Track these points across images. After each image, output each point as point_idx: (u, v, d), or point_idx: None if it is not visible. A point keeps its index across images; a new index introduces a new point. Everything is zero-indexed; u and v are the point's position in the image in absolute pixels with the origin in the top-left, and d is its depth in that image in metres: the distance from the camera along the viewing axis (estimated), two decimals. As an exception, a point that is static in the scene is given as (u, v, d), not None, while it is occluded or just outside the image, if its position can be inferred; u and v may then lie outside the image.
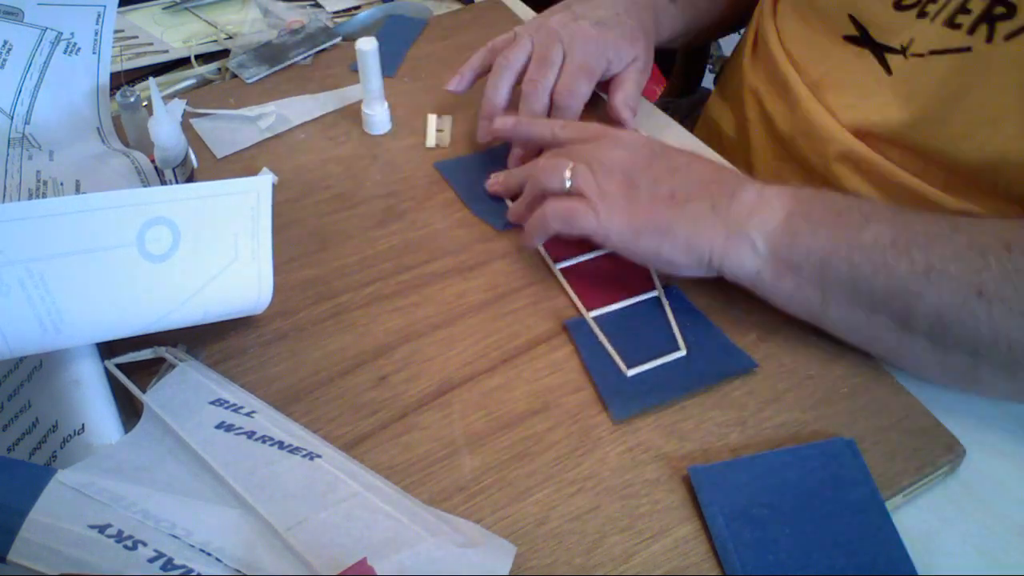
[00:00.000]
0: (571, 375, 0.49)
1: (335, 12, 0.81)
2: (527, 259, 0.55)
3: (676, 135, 0.67)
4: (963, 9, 0.51)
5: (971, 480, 0.45)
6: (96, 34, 0.60)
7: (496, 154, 0.63)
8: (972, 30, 0.51)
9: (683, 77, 1.04)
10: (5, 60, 0.57)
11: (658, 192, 0.48)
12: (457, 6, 0.83)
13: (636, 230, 0.48)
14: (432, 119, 0.66)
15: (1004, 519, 0.44)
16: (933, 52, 0.54)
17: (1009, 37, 0.49)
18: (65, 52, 0.59)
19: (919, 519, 0.44)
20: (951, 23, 0.52)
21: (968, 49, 0.51)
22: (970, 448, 0.45)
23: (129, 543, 0.37)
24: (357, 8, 0.82)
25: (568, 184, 0.50)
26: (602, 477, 0.44)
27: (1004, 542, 0.43)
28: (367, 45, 0.61)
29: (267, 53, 0.73)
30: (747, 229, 0.47)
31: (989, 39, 0.51)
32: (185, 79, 0.73)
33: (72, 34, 0.59)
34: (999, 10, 0.50)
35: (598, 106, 0.66)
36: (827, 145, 0.62)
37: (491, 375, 0.49)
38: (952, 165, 0.55)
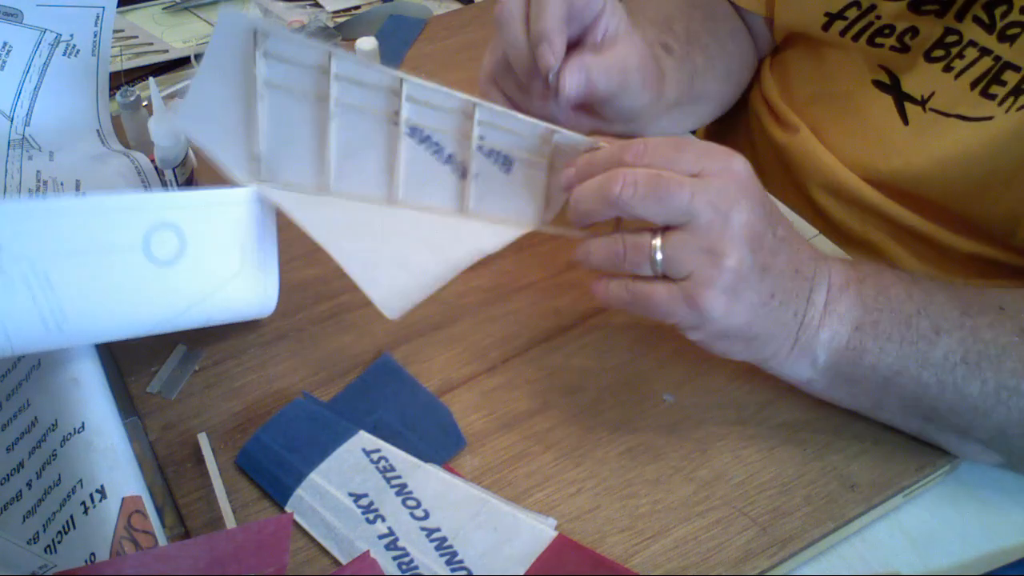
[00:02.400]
0: (571, 375, 0.49)
1: (335, 12, 0.81)
2: (527, 259, 0.55)
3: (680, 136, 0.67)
4: (999, 80, 0.51)
5: (971, 480, 0.45)
6: (95, 35, 0.60)
7: None
8: (1002, 102, 0.51)
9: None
10: (5, 62, 0.57)
11: (762, 287, 0.40)
12: (457, 6, 0.83)
13: (725, 333, 0.41)
14: None
15: (1004, 519, 0.44)
16: (962, 117, 0.53)
17: (1021, 107, 0.50)
18: (64, 54, 0.59)
19: (919, 519, 0.44)
20: (986, 93, 0.52)
21: (990, 118, 0.52)
22: (970, 448, 0.45)
23: (371, 516, 0.41)
24: (357, 8, 0.82)
25: (659, 266, 0.39)
26: (602, 477, 0.44)
27: (1004, 542, 0.43)
28: (367, 45, 0.61)
29: (267, 53, 0.73)
30: (814, 344, 0.42)
31: (1008, 109, 0.51)
32: (185, 79, 0.73)
33: (71, 36, 0.59)
34: None
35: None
36: (812, 172, 0.62)
37: (491, 375, 0.49)
38: (963, 217, 0.55)
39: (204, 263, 0.44)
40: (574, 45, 0.49)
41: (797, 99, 0.65)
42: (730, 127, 0.75)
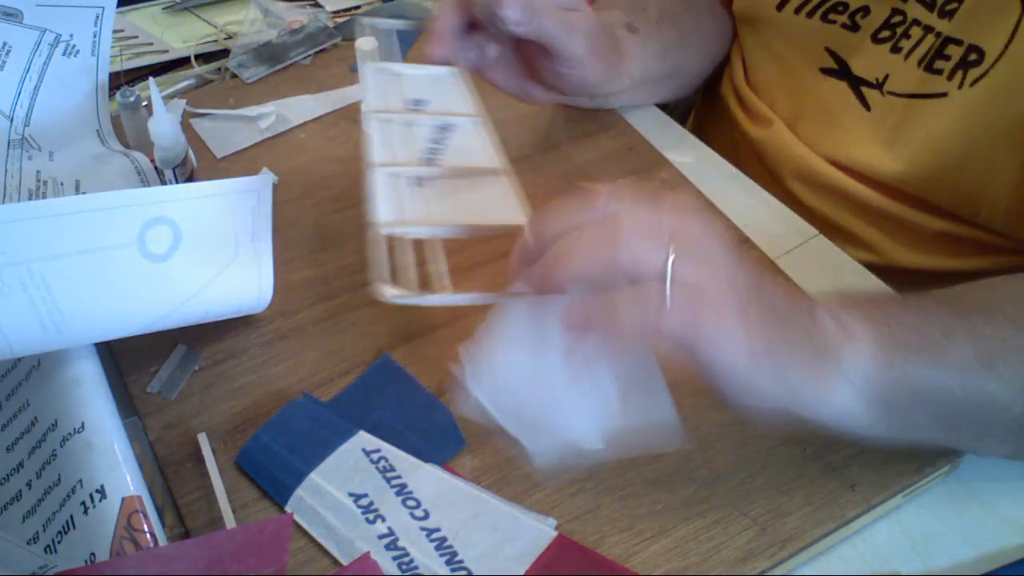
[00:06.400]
0: (571, 375, 0.48)
1: (335, 12, 0.81)
2: (527, 259, 0.55)
3: (673, 133, 0.67)
4: (941, 55, 0.52)
5: (971, 480, 0.45)
6: (95, 36, 0.60)
7: None
8: (951, 76, 0.52)
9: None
10: (4, 62, 0.57)
11: (761, 302, 0.37)
12: (457, 6, 0.83)
13: (753, 352, 0.36)
14: None
15: (1004, 519, 0.44)
16: (914, 96, 0.54)
17: (975, 82, 0.50)
18: (64, 54, 0.59)
19: (919, 519, 0.44)
20: (931, 68, 0.53)
21: (945, 95, 0.52)
22: (970, 448, 0.45)
23: (371, 516, 0.41)
24: (357, 8, 0.82)
25: (668, 272, 0.34)
26: (602, 477, 0.44)
27: (1004, 542, 0.43)
28: (367, 45, 0.60)
29: (267, 53, 0.73)
30: (839, 359, 0.38)
31: (961, 85, 0.51)
32: (185, 79, 0.73)
33: (71, 36, 0.59)
34: (972, 56, 0.51)
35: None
36: (786, 162, 0.63)
37: (491, 375, 0.49)
38: (931, 200, 0.56)
39: (199, 254, 0.44)
40: None
41: (765, 92, 0.65)
42: (712, 125, 0.75)
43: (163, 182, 0.56)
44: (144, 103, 0.61)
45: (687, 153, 0.64)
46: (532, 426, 0.39)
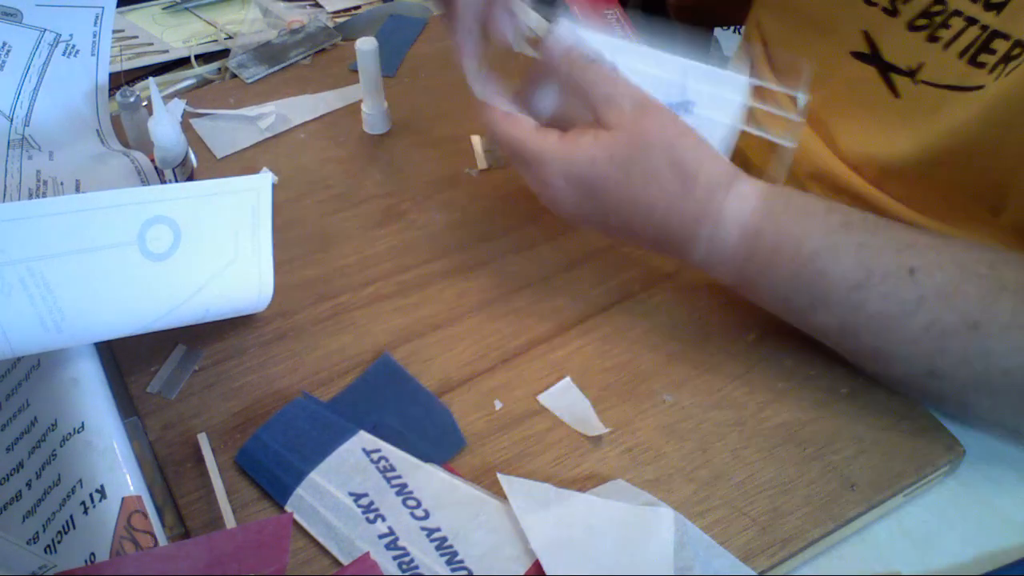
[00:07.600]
0: (571, 375, 0.48)
1: (335, 12, 0.81)
2: (527, 259, 0.55)
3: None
4: (987, 48, 0.51)
5: (971, 480, 0.45)
6: (95, 35, 0.60)
7: None
8: (992, 70, 0.51)
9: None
10: (4, 62, 0.57)
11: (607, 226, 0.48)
12: (457, 6, 0.83)
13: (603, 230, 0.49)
14: (477, 140, 0.65)
15: (1004, 519, 0.44)
16: (952, 87, 0.53)
17: (1009, 72, 0.50)
18: (64, 54, 0.59)
19: (919, 519, 0.44)
20: (975, 61, 0.52)
21: (982, 87, 0.51)
22: (970, 448, 0.45)
23: (371, 516, 0.41)
24: (357, 8, 0.82)
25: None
26: (602, 477, 0.44)
27: (1004, 542, 0.43)
28: (367, 45, 0.61)
29: (267, 53, 0.73)
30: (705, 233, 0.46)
31: (997, 76, 0.51)
32: (185, 79, 0.73)
33: (71, 36, 0.59)
34: (1016, 51, 0.50)
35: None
36: (803, 160, 0.62)
37: (491, 375, 0.49)
38: (952, 193, 0.55)
39: (199, 254, 0.44)
40: None
41: (787, 78, 0.65)
42: None
43: (163, 182, 0.56)
44: (144, 103, 0.61)
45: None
46: None
